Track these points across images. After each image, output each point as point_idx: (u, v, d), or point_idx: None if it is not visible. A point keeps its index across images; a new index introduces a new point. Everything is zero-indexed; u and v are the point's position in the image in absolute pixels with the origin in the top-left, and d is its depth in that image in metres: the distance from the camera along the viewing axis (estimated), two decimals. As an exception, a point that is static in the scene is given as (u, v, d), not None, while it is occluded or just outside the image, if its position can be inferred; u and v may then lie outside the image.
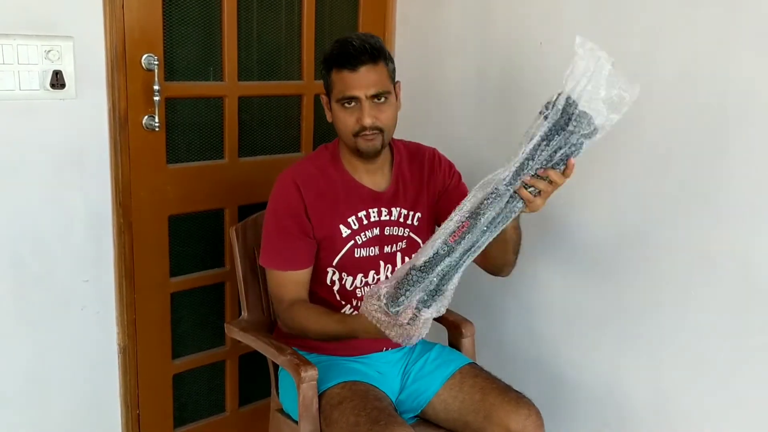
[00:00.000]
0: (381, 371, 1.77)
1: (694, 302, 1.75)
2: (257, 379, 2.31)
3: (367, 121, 1.63)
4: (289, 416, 1.83)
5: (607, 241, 1.92)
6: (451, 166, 1.87)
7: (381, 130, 1.65)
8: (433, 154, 1.86)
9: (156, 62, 1.88)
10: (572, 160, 1.35)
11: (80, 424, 1.96)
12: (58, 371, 1.90)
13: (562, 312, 2.07)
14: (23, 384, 1.85)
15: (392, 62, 1.69)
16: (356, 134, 1.64)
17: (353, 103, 1.63)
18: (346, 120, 1.65)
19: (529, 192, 1.37)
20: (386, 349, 1.80)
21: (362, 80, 1.61)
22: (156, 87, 1.87)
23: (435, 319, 1.94)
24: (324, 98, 1.72)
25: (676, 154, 1.74)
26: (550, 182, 1.37)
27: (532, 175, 1.36)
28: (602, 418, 2.00)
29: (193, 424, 2.26)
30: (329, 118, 1.71)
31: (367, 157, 1.69)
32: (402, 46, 2.44)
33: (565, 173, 1.37)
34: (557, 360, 2.09)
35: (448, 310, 1.94)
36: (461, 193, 1.81)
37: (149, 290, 2.03)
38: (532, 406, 1.65)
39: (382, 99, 1.64)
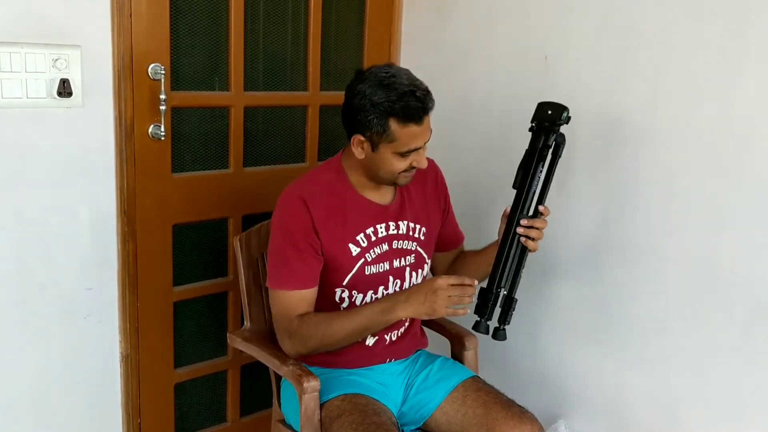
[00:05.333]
0: (383, 383, 1.76)
1: (698, 318, 1.75)
2: (259, 389, 2.31)
3: (424, 164, 1.64)
4: (290, 427, 1.82)
5: (613, 255, 1.91)
6: (446, 185, 1.89)
7: None
8: (435, 168, 1.87)
9: (162, 72, 1.89)
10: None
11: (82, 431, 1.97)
12: (60, 378, 1.90)
13: (565, 326, 2.06)
14: (26, 390, 1.85)
15: None
16: (402, 171, 1.64)
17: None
18: (399, 165, 1.62)
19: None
20: (389, 361, 1.79)
21: (426, 130, 1.61)
22: (162, 96, 1.88)
23: (438, 331, 1.96)
24: (361, 138, 1.61)
25: (682, 169, 1.74)
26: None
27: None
28: (605, 433, 1.99)
29: (194, 433, 2.26)
30: (360, 155, 1.63)
31: (401, 186, 1.72)
32: (407, 60, 2.45)
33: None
34: (560, 374, 2.08)
35: (451, 322, 1.96)
36: (452, 219, 1.92)
37: (152, 299, 2.03)
38: (534, 421, 1.65)
39: None
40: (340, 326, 1.62)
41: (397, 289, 1.76)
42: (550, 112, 1.65)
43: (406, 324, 1.81)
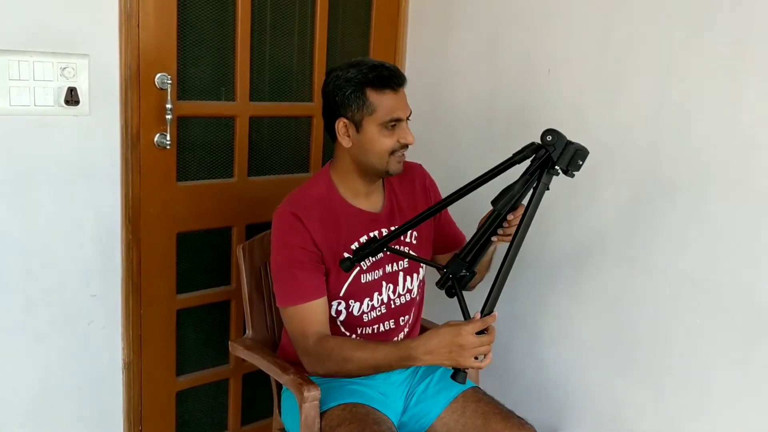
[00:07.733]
0: (384, 392, 1.76)
1: (698, 331, 1.75)
2: (260, 398, 2.31)
3: (411, 139, 1.65)
4: (290, 436, 1.83)
5: (613, 268, 1.92)
6: (436, 188, 1.90)
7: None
8: (423, 172, 1.89)
9: (169, 81, 1.91)
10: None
11: (83, 438, 1.97)
12: (63, 385, 1.91)
13: (566, 339, 2.06)
14: (28, 396, 1.86)
15: None
16: (392, 153, 1.65)
17: (396, 124, 1.64)
18: (386, 142, 1.63)
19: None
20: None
21: (404, 101, 1.65)
22: (168, 105, 1.90)
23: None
24: (344, 122, 1.64)
25: (683, 182, 1.75)
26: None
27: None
28: (605, 446, 1.99)
29: (195, 441, 2.26)
30: (347, 144, 1.65)
31: (393, 175, 1.71)
32: (412, 72, 2.46)
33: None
34: (560, 386, 2.08)
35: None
36: (448, 221, 1.91)
37: (156, 306, 2.05)
38: None
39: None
40: (358, 358, 1.57)
41: (390, 293, 1.77)
42: (580, 162, 1.49)
43: (406, 330, 1.82)
